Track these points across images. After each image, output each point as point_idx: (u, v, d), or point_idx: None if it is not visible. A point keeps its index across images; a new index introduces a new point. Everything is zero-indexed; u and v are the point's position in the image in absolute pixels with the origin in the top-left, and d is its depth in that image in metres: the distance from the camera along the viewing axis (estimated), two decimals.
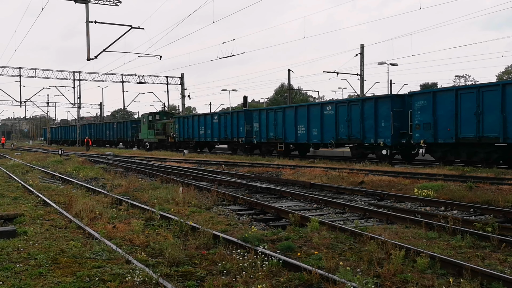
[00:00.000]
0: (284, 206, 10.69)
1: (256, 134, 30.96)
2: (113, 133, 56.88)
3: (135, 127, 51.39)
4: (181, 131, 40.70)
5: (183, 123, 40.62)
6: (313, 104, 28.23)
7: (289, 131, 27.98)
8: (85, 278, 5.30)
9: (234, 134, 33.49)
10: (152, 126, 46.02)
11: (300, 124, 27.04)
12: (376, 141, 22.21)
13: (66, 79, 55.45)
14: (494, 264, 5.92)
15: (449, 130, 19.11)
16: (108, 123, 61.62)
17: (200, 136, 38.03)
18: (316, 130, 25.98)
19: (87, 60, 28.17)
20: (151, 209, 9.66)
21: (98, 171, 19.81)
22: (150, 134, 46.03)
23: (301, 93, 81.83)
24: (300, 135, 27.15)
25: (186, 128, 40.05)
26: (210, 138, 36.81)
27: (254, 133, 31.21)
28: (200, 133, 37.93)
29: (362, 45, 40.66)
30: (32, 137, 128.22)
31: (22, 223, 8.66)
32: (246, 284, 5.12)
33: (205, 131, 37.27)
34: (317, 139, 26.07)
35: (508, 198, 10.70)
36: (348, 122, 23.89)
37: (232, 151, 34.95)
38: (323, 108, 25.61)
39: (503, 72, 79.24)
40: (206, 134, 37.28)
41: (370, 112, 22.63)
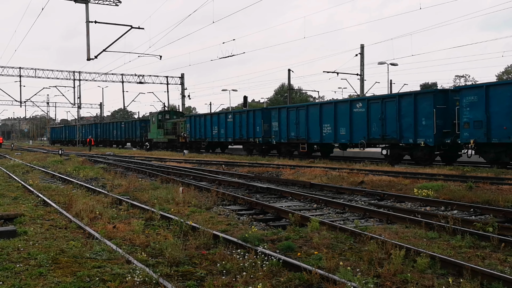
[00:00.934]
0: (284, 206, 10.69)
1: (275, 134, 29.01)
2: (120, 133, 55.00)
3: (144, 127, 49.52)
4: (193, 130, 38.84)
5: (195, 122, 38.71)
6: (341, 101, 26.28)
7: (313, 130, 26.05)
8: (85, 278, 5.30)
9: (250, 134, 31.75)
10: (162, 126, 44.27)
11: (326, 123, 25.11)
12: (416, 141, 20.19)
13: (66, 79, 55.53)
14: (494, 264, 5.92)
15: (505, 129, 17.18)
16: (115, 122, 59.44)
17: (213, 136, 36.08)
18: (344, 130, 23.99)
19: (87, 60, 28.17)
20: (151, 209, 9.66)
21: (98, 171, 19.82)
22: (159, 134, 44.25)
23: (301, 93, 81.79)
24: (326, 134, 25.19)
25: (198, 128, 38.14)
26: (224, 138, 34.87)
27: (273, 132, 29.27)
28: (213, 133, 35.97)
29: (362, 45, 40.68)
30: (32, 137, 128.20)
31: (22, 223, 8.66)
32: (246, 284, 5.12)
33: (219, 131, 35.36)
34: (345, 139, 24.08)
35: (508, 198, 10.71)
36: (382, 121, 21.79)
37: (248, 152, 32.88)
38: (352, 105, 23.54)
39: (503, 72, 79.22)
40: (219, 134, 35.38)
41: (408, 109, 20.62)
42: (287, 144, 28.54)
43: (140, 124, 51.03)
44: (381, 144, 22.83)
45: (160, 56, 36.40)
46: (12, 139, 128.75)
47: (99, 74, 55.60)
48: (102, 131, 60.48)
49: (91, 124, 66.68)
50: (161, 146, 44.89)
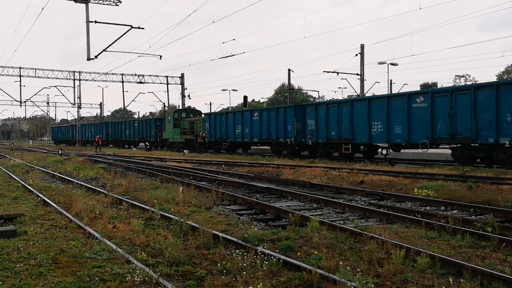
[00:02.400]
0: (284, 206, 10.69)
1: (311, 133, 26.09)
2: (133, 132, 51.71)
3: (159, 126, 46.55)
4: (212, 130, 35.81)
5: (215, 121, 35.58)
6: (396, 96, 23.11)
7: (359, 129, 23.10)
8: (85, 278, 5.30)
9: (280, 133, 28.70)
10: (178, 125, 41.39)
11: (376, 120, 22.11)
12: (498, 140, 17.35)
13: (66, 79, 55.55)
14: (494, 264, 5.92)
15: None
16: (128, 121, 55.86)
17: (236, 136, 32.97)
18: (399, 128, 20.98)
19: (87, 60, 28.17)
20: (151, 209, 9.66)
21: (98, 171, 19.82)
22: (175, 133, 41.41)
23: (301, 93, 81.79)
24: (376, 133, 22.18)
25: (218, 127, 35.03)
26: (249, 138, 31.69)
27: (308, 132, 26.37)
28: (236, 132, 32.91)
29: (362, 45, 40.64)
30: (32, 137, 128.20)
31: (22, 223, 8.66)
32: (246, 283, 5.12)
33: (242, 130, 32.20)
34: (402, 139, 20.97)
35: (508, 198, 10.71)
36: (451, 117, 18.83)
37: (276, 154, 29.69)
38: (411, 99, 20.55)
39: (503, 71, 79.21)
40: (243, 134, 32.21)
41: (487, 103, 17.65)
42: (325, 145, 25.79)
43: (155, 123, 47.90)
44: (450, 144, 19.84)
45: (160, 56, 36.40)
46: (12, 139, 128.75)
47: (99, 74, 55.63)
48: (113, 131, 57.22)
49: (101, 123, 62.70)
50: (177, 147, 41.90)
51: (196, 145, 39.00)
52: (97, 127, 60.56)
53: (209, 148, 37.65)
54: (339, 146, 24.65)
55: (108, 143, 56.81)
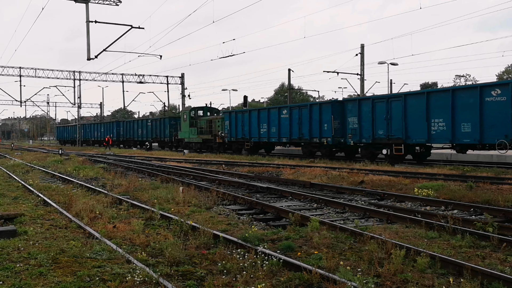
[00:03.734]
0: (284, 206, 10.69)
1: (354, 133, 23.35)
2: (146, 132, 48.89)
3: (174, 125, 43.88)
4: (233, 129, 33.23)
5: (236, 119, 33.02)
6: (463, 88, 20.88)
7: (414, 127, 20.44)
8: (86, 277, 5.30)
9: (314, 133, 25.88)
10: (195, 124, 38.76)
11: (436, 117, 19.47)
12: None
13: (66, 78, 55.52)
14: (494, 264, 5.92)
15: None
16: (141, 120, 52.80)
17: (261, 136, 30.28)
18: (468, 126, 18.34)
19: (87, 60, 28.16)
20: (151, 208, 9.66)
21: (98, 171, 19.82)
22: (192, 133, 38.72)
23: (301, 93, 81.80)
24: (437, 132, 19.48)
25: (239, 126, 32.45)
26: (276, 138, 29.02)
27: (349, 131, 23.68)
28: (261, 131, 30.23)
29: (362, 44, 40.62)
30: (33, 137, 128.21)
31: (22, 222, 8.66)
32: (246, 283, 5.12)
33: (269, 129, 29.52)
34: (471, 138, 18.34)
35: (508, 198, 10.70)
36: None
37: (308, 155, 26.75)
38: (484, 92, 17.90)
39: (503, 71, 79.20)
40: (269, 133, 29.51)
41: None
42: (370, 145, 23.03)
43: (169, 122, 45.09)
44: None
45: (160, 56, 36.37)
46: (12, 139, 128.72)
47: (99, 74, 55.62)
48: (125, 130, 54.06)
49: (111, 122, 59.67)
50: (194, 147, 39.14)
51: (215, 146, 36.38)
52: (108, 127, 57.79)
53: (228, 148, 35.00)
54: (388, 146, 21.74)
55: (119, 143, 54.74)
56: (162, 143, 46.84)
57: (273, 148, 33.25)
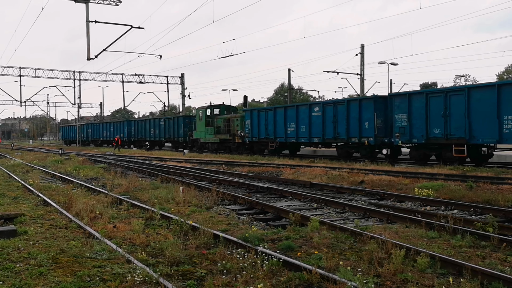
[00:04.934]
0: (285, 206, 10.69)
1: (402, 131, 20.65)
2: (159, 131, 46.38)
3: (189, 124, 41.43)
4: (255, 128, 30.69)
5: (258, 118, 30.51)
6: None
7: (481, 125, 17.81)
8: (86, 277, 5.30)
9: (352, 132, 23.51)
10: (211, 123, 36.32)
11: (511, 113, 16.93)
12: None
13: (66, 78, 55.65)
14: (494, 264, 5.92)
15: None
16: (153, 119, 50.13)
17: (288, 136, 27.81)
18: None
19: (87, 60, 28.16)
20: (152, 208, 9.67)
21: (98, 171, 19.82)
22: (208, 132, 36.29)
23: (301, 93, 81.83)
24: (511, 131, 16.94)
25: (262, 125, 30.02)
26: (307, 138, 26.47)
27: (397, 129, 20.87)
28: (288, 131, 27.75)
29: (362, 44, 40.62)
30: (33, 137, 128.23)
31: (23, 222, 8.66)
32: (247, 283, 5.12)
33: (297, 128, 27.00)
34: None
35: (509, 198, 10.70)
36: None
37: (344, 157, 24.56)
38: None
39: (503, 71, 79.24)
40: (298, 133, 26.97)
41: None
42: (423, 146, 20.51)
43: (184, 121, 42.48)
44: None
45: (160, 55, 36.37)
46: (12, 138, 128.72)
47: (99, 74, 55.70)
48: (136, 130, 51.39)
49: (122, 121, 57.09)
50: (211, 148, 36.82)
51: (233, 146, 33.96)
52: (118, 126, 55.08)
53: (249, 149, 32.53)
54: (447, 146, 19.31)
55: (131, 144, 52.38)
56: (176, 143, 44.34)
57: (298, 149, 30.67)
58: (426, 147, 20.47)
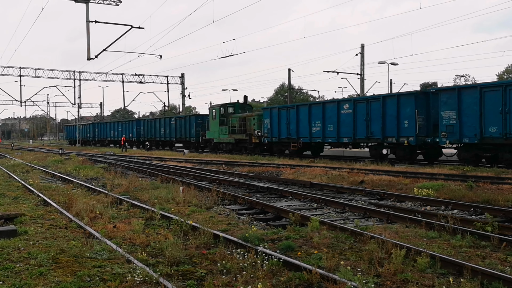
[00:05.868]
0: (285, 206, 10.69)
1: (450, 130, 18.68)
2: (170, 131, 44.87)
3: (201, 124, 39.87)
4: (275, 127, 28.86)
5: (279, 116, 28.62)
6: None
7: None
8: (86, 277, 5.30)
9: (389, 131, 21.55)
10: (226, 122, 34.56)
11: None
12: None
13: (66, 78, 55.69)
14: (494, 264, 5.92)
15: None
16: (163, 118, 48.15)
17: (313, 135, 25.94)
18: None
19: (88, 60, 28.16)
20: (152, 208, 9.67)
21: (99, 171, 19.82)
22: (222, 132, 34.62)
23: (301, 93, 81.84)
24: None
25: (284, 124, 28.13)
26: (334, 137, 24.58)
27: (444, 128, 18.91)
28: (313, 130, 25.86)
29: (363, 44, 40.61)
30: (33, 137, 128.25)
31: (23, 222, 8.66)
32: (247, 283, 5.12)
33: (323, 128, 25.17)
34: None
35: (508, 198, 10.70)
36: None
37: (378, 158, 22.53)
38: None
39: (504, 71, 79.24)
40: (324, 132, 25.18)
41: None
42: (475, 146, 18.48)
43: (196, 120, 40.95)
44: None
45: (161, 55, 36.35)
46: (12, 138, 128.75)
47: (99, 74, 55.74)
48: (146, 130, 49.67)
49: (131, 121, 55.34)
50: (225, 148, 34.99)
51: (250, 147, 31.85)
52: (126, 126, 53.40)
53: (268, 150, 30.57)
54: (504, 148, 17.51)
55: (139, 144, 50.67)
56: (187, 143, 42.48)
57: (321, 150, 28.89)
58: (479, 148, 18.51)
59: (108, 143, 57.72)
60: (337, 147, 27.26)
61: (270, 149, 30.50)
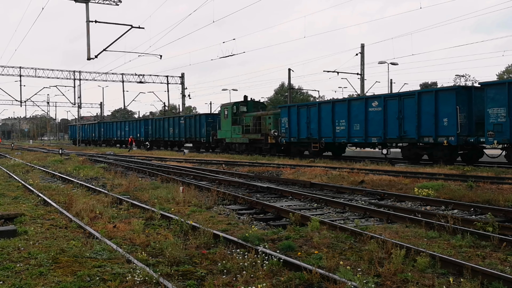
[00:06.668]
0: (285, 206, 10.69)
1: (498, 129, 17.25)
2: (179, 131, 43.24)
3: (212, 123, 38.34)
4: (294, 127, 27.33)
5: (298, 115, 27.02)
6: None
7: None
8: (86, 277, 5.30)
9: (424, 130, 19.94)
10: (239, 121, 33.07)
11: None
12: None
13: (66, 78, 55.72)
14: (494, 264, 5.92)
15: None
16: (172, 117, 46.16)
17: (337, 135, 24.46)
18: None
19: (88, 60, 28.17)
20: (152, 208, 9.67)
21: (99, 171, 19.82)
22: (235, 132, 33.01)
23: (301, 93, 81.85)
24: None
25: (303, 123, 26.63)
26: (362, 137, 23.03)
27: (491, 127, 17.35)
28: (337, 129, 24.41)
29: (363, 44, 40.62)
30: (33, 137, 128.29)
31: (23, 222, 8.66)
32: (247, 283, 5.12)
33: (349, 127, 23.61)
34: None
35: (509, 198, 10.70)
36: None
37: (412, 159, 21.27)
38: None
39: (504, 71, 79.27)
40: (350, 131, 23.60)
41: None
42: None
43: (206, 120, 39.34)
44: None
45: (161, 55, 36.35)
46: (12, 138, 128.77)
47: (99, 74, 55.75)
48: (154, 129, 48.00)
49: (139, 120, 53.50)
50: (238, 149, 33.17)
51: (265, 147, 30.25)
52: (134, 125, 51.79)
53: (286, 151, 28.94)
54: None
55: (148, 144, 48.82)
56: (197, 143, 40.93)
57: (343, 151, 27.33)
58: None
59: (114, 143, 56.15)
60: (365, 147, 25.59)
61: (287, 150, 28.98)
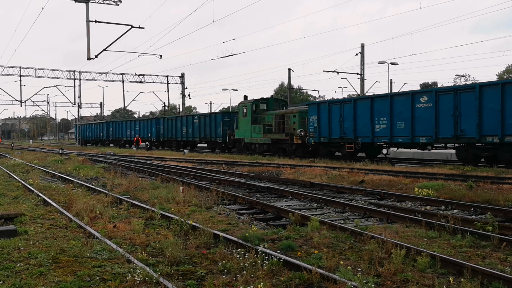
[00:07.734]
0: (285, 205, 10.69)
1: None
2: (192, 130, 40.61)
3: (228, 122, 35.75)
4: (324, 126, 25.01)
5: (330, 113, 24.67)
6: None
7: None
8: (86, 277, 5.30)
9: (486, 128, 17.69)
10: (259, 120, 30.73)
11: None
12: None
13: (66, 78, 55.72)
14: (494, 264, 5.92)
15: None
16: (185, 116, 43.56)
17: (376, 135, 22.11)
18: None
19: (88, 60, 28.19)
20: (152, 208, 9.67)
21: (99, 171, 19.81)
22: (255, 131, 30.57)
23: (301, 93, 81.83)
24: None
25: (336, 121, 24.33)
26: (407, 137, 20.55)
27: None
28: (376, 128, 22.03)
29: (363, 44, 40.63)
30: (33, 137, 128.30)
31: (23, 222, 8.66)
32: (247, 283, 5.12)
33: (391, 125, 21.20)
34: None
35: (509, 197, 10.71)
36: None
37: (470, 161, 18.79)
38: None
39: (504, 71, 79.27)
40: (392, 131, 21.14)
41: None
42: None
43: (222, 119, 36.68)
44: None
45: (161, 55, 36.39)
46: (12, 138, 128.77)
47: (99, 74, 55.75)
48: (166, 129, 45.28)
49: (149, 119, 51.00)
50: (259, 150, 30.71)
51: (290, 148, 27.88)
52: (145, 125, 49.43)
53: (313, 152, 26.42)
54: None
55: (159, 145, 47.10)
56: (212, 144, 38.49)
57: (379, 152, 23.95)
58: None
59: (123, 144, 53.64)
60: (411, 148, 22.67)
61: (315, 151, 26.46)
